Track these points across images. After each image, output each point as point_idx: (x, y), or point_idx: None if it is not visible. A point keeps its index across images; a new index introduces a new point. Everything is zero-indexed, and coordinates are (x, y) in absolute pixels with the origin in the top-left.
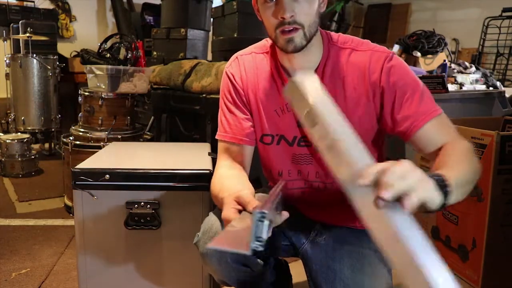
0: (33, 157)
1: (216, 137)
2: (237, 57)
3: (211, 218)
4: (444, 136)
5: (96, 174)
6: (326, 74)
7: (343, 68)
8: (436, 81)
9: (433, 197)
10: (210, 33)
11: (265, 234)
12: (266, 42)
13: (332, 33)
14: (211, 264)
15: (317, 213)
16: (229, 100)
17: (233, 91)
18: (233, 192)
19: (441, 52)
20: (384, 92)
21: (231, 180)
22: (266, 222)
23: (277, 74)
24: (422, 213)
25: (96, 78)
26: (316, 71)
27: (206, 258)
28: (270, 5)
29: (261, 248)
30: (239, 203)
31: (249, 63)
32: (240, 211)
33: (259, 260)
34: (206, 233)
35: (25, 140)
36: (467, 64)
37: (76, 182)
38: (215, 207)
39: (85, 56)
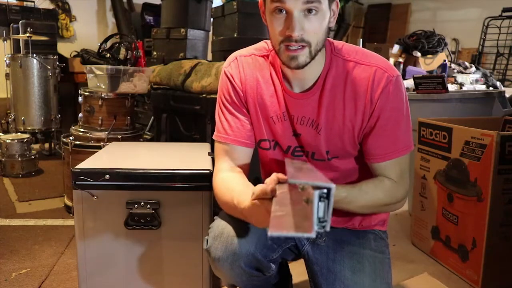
0: (33, 157)
1: (215, 138)
2: (236, 58)
3: (220, 223)
4: (391, 174)
5: (96, 174)
6: (327, 85)
7: (345, 81)
8: (436, 81)
9: None
10: (210, 33)
11: (327, 214)
12: (265, 45)
13: (336, 42)
14: (223, 269)
15: None
16: (228, 101)
17: (233, 92)
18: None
19: (441, 52)
20: (373, 113)
21: (239, 185)
22: (326, 202)
23: (277, 80)
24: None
25: (96, 78)
26: (317, 82)
27: (218, 263)
28: (280, 17)
29: (325, 229)
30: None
31: (248, 65)
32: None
33: (272, 264)
34: (217, 238)
35: (25, 140)
36: (467, 64)
37: (76, 182)
38: (216, 208)
39: (85, 56)
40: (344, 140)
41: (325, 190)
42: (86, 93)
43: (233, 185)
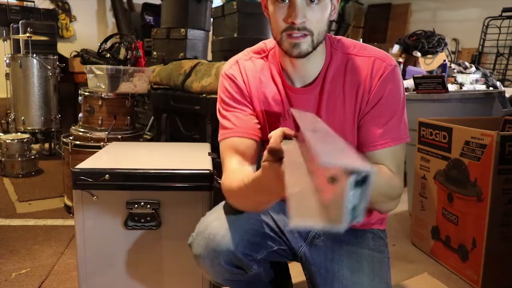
0: (33, 157)
1: (221, 136)
2: (237, 61)
3: (207, 220)
4: (388, 164)
5: (96, 174)
6: (328, 79)
7: (345, 74)
8: (436, 81)
9: None
10: (210, 33)
11: (362, 203)
12: (263, 45)
13: (334, 36)
14: (204, 266)
15: None
16: (232, 99)
17: (237, 90)
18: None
19: (441, 52)
20: (369, 99)
21: (248, 171)
22: (361, 188)
23: (278, 78)
24: None
25: (96, 78)
26: (318, 76)
27: (199, 260)
28: (282, 5)
29: (357, 220)
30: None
31: (250, 68)
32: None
33: (254, 263)
34: (199, 235)
35: (25, 140)
36: (467, 64)
37: (76, 182)
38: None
39: (85, 56)
40: (346, 129)
41: (361, 176)
42: (86, 93)
43: (242, 174)
